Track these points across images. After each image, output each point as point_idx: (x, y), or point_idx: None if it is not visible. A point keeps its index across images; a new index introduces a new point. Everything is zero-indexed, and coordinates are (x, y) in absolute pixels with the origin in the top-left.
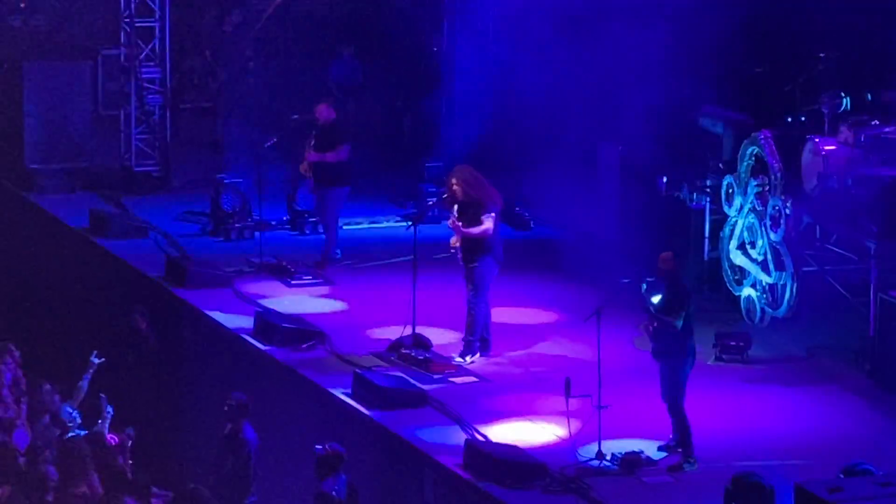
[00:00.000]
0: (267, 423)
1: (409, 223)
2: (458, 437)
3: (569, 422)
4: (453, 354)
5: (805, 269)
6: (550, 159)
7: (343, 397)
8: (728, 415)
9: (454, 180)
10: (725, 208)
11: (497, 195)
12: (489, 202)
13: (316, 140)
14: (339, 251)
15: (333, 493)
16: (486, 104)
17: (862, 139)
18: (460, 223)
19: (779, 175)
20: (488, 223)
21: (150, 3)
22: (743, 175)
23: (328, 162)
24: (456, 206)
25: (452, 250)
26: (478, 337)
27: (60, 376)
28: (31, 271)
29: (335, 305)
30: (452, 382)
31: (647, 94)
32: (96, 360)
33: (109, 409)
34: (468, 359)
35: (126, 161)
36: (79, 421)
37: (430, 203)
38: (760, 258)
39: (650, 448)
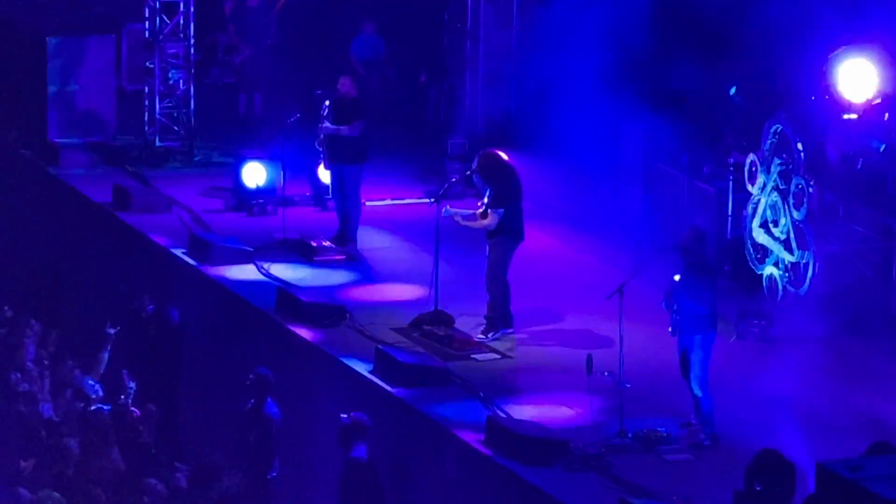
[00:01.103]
0: (289, 399)
1: (433, 200)
2: (480, 413)
3: (590, 399)
4: (479, 333)
5: (828, 247)
6: (574, 136)
7: (365, 373)
8: (749, 393)
9: (473, 166)
10: (749, 186)
11: (515, 187)
12: (501, 196)
13: (331, 111)
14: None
15: (363, 459)
16: (510, 81)
17: (886, 118)
18: (476, 213)
19: (802, 153)
20: (491, 219)
21: None
22: (766, 153)
23: (342, 137)
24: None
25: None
26: (500, 314)
27: (83, 351)
28: (54, 246)
29: (357, 281)
30: (474, 359)
31: (671, 70)
32: (112, 331)
33: (132, 384)
34: (490, 335)
35: (149, 136)
36: (101, 395)
37: (454, 180)
38: (783, 237)
39: (672, 426)
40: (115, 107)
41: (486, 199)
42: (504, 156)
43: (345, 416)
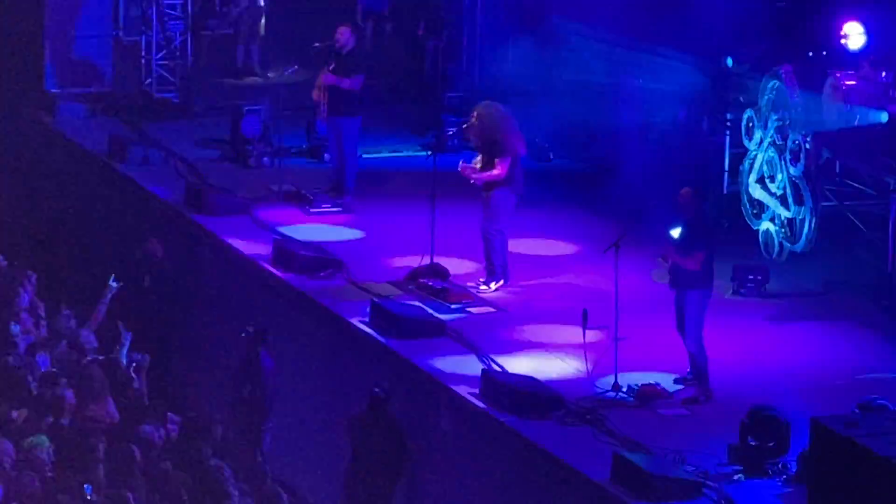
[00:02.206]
0: (284, 351)
1: (429, 152)
2: (475, 367)
3: (585, 353)
4: (480, 280)
5: (824, 203)
6: (572, 91)
7: (360, 326)
8: (745, 349)
9: (475, 114)
10: (745, 142)
11: (516, 138)
12: (506, 145)
13: (336, 64)
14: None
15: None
16: (508, 35)
17: (883, 75)
18: (475, 165)
19: (799, 109)
20: (500, 169)
21: None
22: (763, 109)
23: (341, 89)
24: (478, 152)
25: (472, 181)
26: (499, 263)
27: (79, 301)
28: (50, 196)
29: (353, 233)
30: (469, 312)
31: (668, 27)
32: (115, 285)
33: (127, 335)
34: (493, 286)
35: (146, 87)
36: (96, 346)
37: (451, 133)
38: (780, 192)
39: (666, 380)
40: (112, 58)
41: (480, 154)
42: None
43: (378, 389)
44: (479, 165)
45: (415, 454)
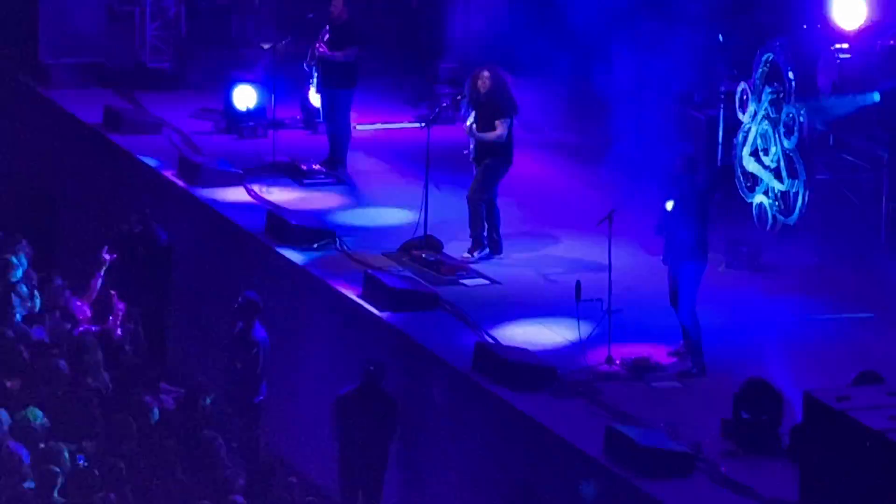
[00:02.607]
0: (277, 323)
1: (423, 124)
2: (468, 339)
3: (579, 326)
4: (464, 253)
5: (818, 176)
6: (567, 62)
7: (354, 298)
8: (738, 322)
9: (486, 74)
10: (739, 114)
11: (514, 100)
12: (507, 107)
13: (330, 36)
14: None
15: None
16: (503, 4)
17: (878, 48)
18: (475, 126)
19: (793, 82)
20: (502, 129)
21: None
22: (757, 82)
23: (335, 61)
24: (472, 112)
25: (466, 151)
26: (482, 230)
27: (72, 272)
28: (45, 166)
29: (347, 205)
30: (463, 284)
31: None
32: (107, 257)
33: (120, 305)
34: (475, 254)
35: (140, 57)
36: (89, 316)
37: (444, 104)
38: (773, 165)
39: (660, 353)
40: (106, 28)
41: (472, 119)
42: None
43: (371, 366)
44: (474, 129)
45: (408, 428)
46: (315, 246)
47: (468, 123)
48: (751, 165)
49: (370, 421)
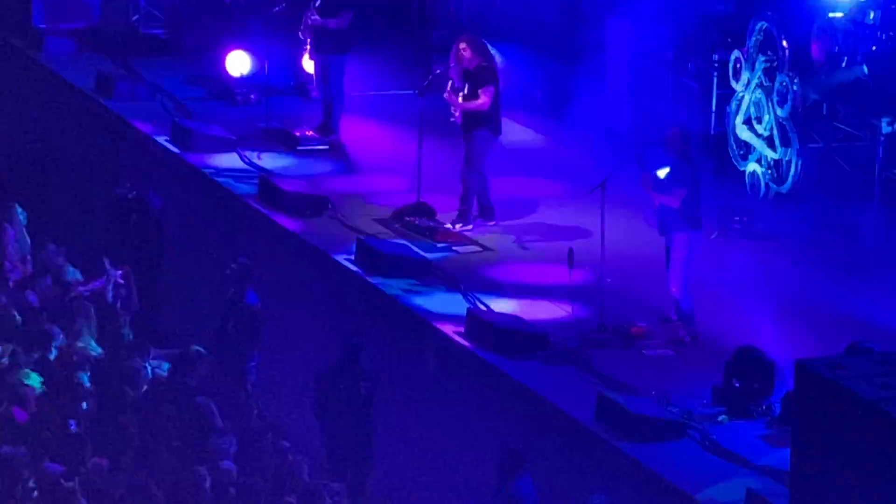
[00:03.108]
0: (270, 289)
1: (416, 91)
2: (460, 306)
3: (571, 293)
4: (447, 224)
5: (811, 145)
6: (560, 30)
7: (346, 264)
8: (730, 290)
9: (463, 45)
10: (733, 83)
11: (495, 69)
12: (489, 75)
13: (322, 3)
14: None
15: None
16: None
17: (872, 16)
18: (457, 96)
19: (787, 51)
20: (484, 98)
21: None
22: (751, 50)
23: (328, 28)
24: (451, 81)
25: (453, 119)
26: (471, 206)
27: (65, 237)
28: (37, 132)
29: (340, 171)
30: (456, 251)
31: None
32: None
33: (114, 271)
34: (458, 226)
35: (134, 23)
36: (82, 281)
37: (438, 72)
38: (766, 134)
39: (652, 321)
40: None
41: (449, 87)
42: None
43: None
44: (460, 99)
45: (399, 395)
46: (308, 212)
47: (449, 91)
48: (744, 134)
49: (350, 396)
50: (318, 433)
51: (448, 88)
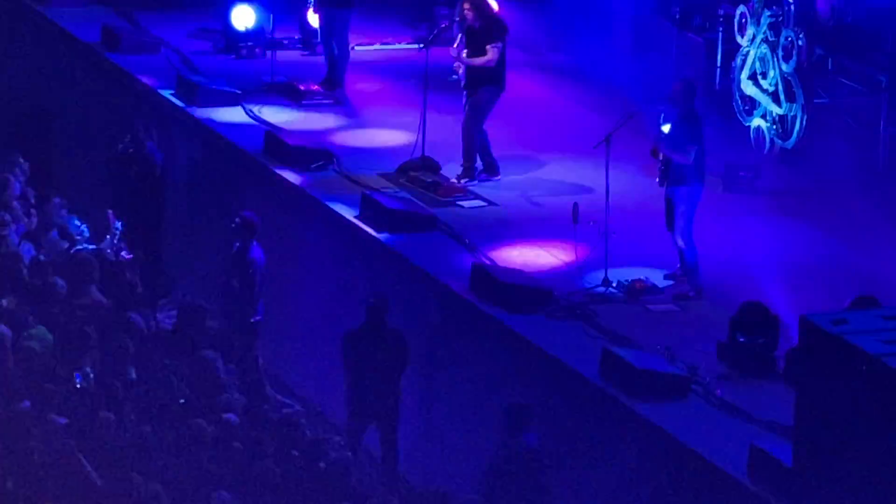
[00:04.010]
0: (274, 243)
1: (421, 45)
2: (465, 260)
3: (575, 248)
4: (452, 179)
5: (816, 100)
6: None
7: (351, 218)
8: (735, 245)
9: (466, 5)
10: (738, 38)
11: (504, 23)
12: (496, 31)
13: None
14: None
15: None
16: None
17: None
18: (464, 52)
19: (792, 6)
20: (492, 53)
21: None
22: (756, 5)
23: None
24: (460, 35)
25: (455, 76)
26: (474, 161)
27: (70, 190)
28: (42, 85)
29: (345, 126)
30: (460, 206)
31: None
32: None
33: (118, 224)
34: (463, 181)
35: None
36: (87, 235)
37: (443, 25)
38: (771, 89)
39: (657, 276)
40: None
41: (456, 44)
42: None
43: (371, 300)
44: (464, 55)
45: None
46: (312, 166)
47: (454, 48)
48: (749, 89)
49: (379, 356)
50: (346, 392)
51: (455, 46)
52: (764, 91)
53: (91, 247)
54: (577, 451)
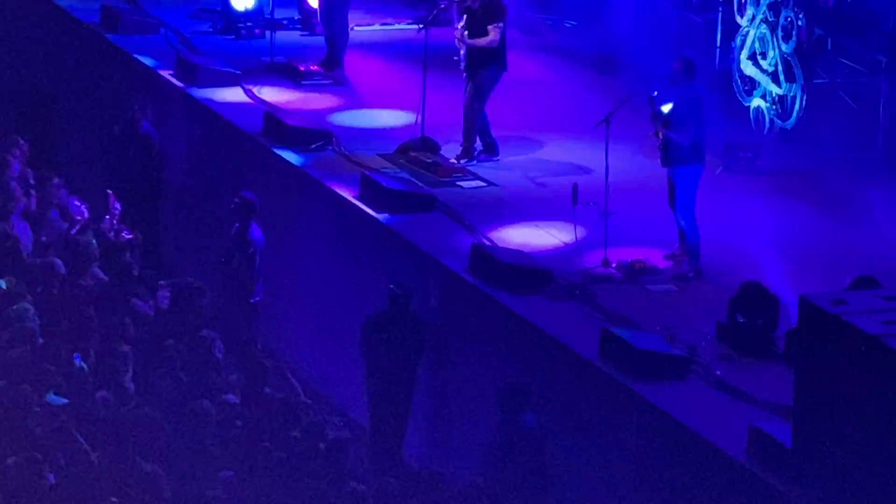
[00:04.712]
0: (274, 223)
1: (421, 26)
2: (465, 241)
3: (575, 228)
4: (452, 159)
5: (815, 81)
6: None
7: (350, 199)
8: (735, 225)
9: None
10: (738, 18)
11: (503, 3)
12: (496, 11)
13: None
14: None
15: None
16: None
17: None
18: (466, 33)
19: None
20: (494, 34)
21: None
22: None
23: None
24: (464, 17)
25: (456, 58)
26: (474, 141)
27: (70, 171)
28: (42, 66)
29: (344, 106)
30: (460, 186)
31: None
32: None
33: (117, 205)
34: (462, 162)
35: None
36: (87, 215)
37: (442, 6)
38: (771, 69)
39: (656, 256)
40: None
41: (461, 25)
42: None
43: (393, 286)
44: (465, 35)
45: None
46: (312, 147)
47: (458, 28)
48: (748, 69)
49: (397, 344)
50: (363, 379)
51: (458, 26)
52: (763, 71)
53: (90, 227)
54: (576, 431)
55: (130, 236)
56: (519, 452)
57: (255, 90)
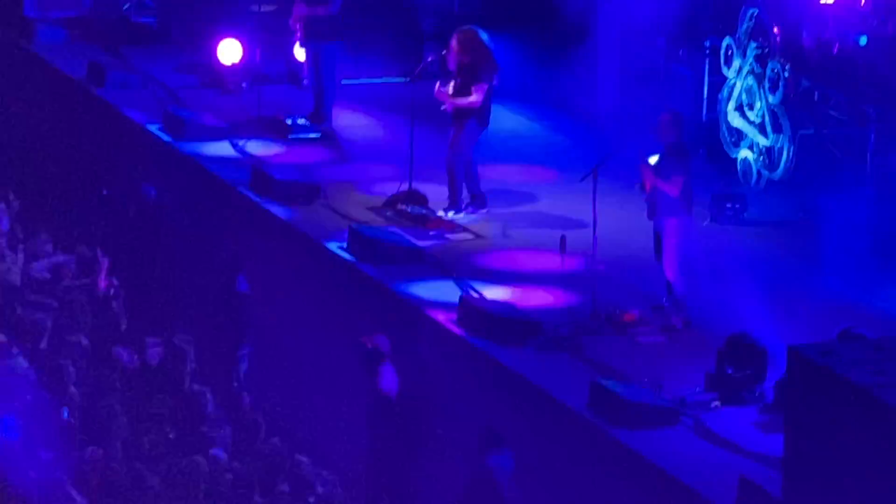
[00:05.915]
0: (261, 277)
1: (408, 79)
2: (453, 293)
3: (564, 280)
4: (439, 212)
5: (802, 132)
6: (550, 16)
7: (338, 252)
8: (723, 276)
9: (454, 41)
10: (724, 70)
11: (493, 67)
12: (482, 72)
13: None
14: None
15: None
16: None
17: (863, 3)
18: (448, 91)
19: (778, 37)
20: (477, 96)
21: None
22: (742, 37)
23: (319, 16)
24: (453, 80)
25: (443, 108)
26: (460, 191)
27: (57, 226)
28: (29, 121)
29: (332, 159)
30: (448, 239)
31: None
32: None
33: (104, 260)
34: (450, 214)
35: (125, 12)
36: (73, 270)
37: (430, 59)
38: (758, 120)
39: (645, 308)
40: None
41: (452, 83)
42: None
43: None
44: (451, 92)
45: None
46: (299, 200)
47: (437, 87)
48: (735, 121)
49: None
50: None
51: (438, 85)
52: (751, 123)
53: (77, 283)
54: (566, 483)
55: (118, 291)
56: (484, 491)
57: (242, 144)
